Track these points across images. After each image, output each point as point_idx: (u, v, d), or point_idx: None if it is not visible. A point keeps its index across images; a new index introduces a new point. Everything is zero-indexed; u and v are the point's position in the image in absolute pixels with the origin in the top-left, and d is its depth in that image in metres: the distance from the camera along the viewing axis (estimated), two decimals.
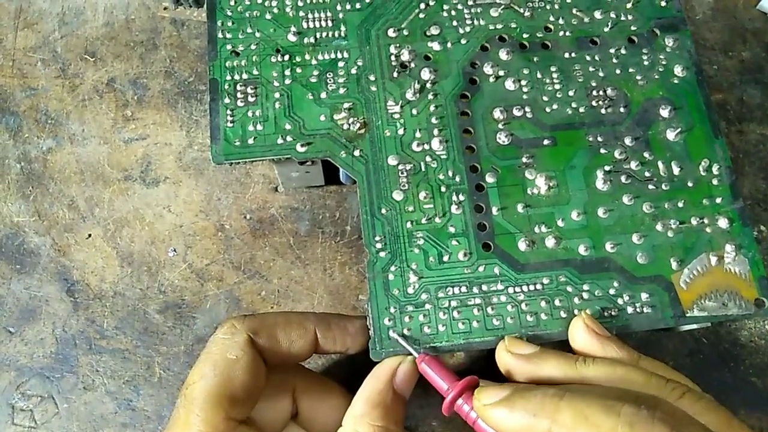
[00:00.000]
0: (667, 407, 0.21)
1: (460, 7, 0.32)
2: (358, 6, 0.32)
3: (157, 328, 0.33)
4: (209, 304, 0.33)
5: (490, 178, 0.29)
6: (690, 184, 0.29)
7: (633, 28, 0.32)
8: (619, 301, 0.27)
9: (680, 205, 0.29)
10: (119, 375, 0.32)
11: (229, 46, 0.31)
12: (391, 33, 0.31)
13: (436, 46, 0.31)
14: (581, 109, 0.30)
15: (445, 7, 0.32)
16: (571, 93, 0.31)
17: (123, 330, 0.33)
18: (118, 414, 0.31)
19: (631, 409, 0.20)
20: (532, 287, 0.27)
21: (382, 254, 0.28)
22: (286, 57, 0.31)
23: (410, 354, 0.26)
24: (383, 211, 0.28)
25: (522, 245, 0.28)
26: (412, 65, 0.31)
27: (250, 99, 0.30)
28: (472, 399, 0.24)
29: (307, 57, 0.31)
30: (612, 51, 0.31)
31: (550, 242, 0.28)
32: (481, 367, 0.32)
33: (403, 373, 0.26)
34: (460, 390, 0.24)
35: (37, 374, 0.32)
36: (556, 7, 0.32)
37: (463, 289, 0.27)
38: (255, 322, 0.27)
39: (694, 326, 0.28)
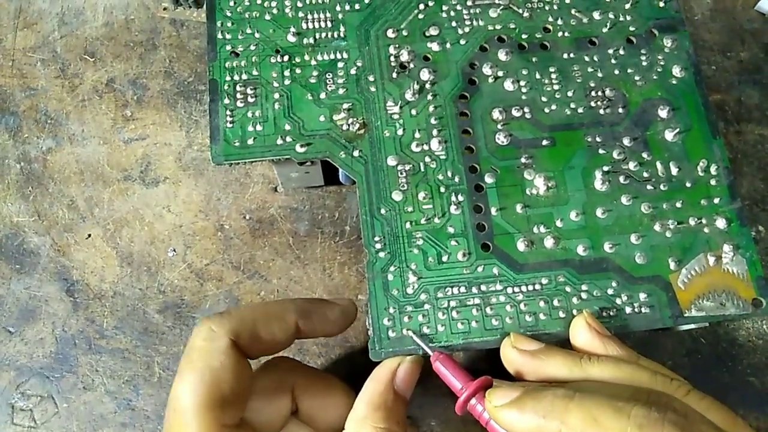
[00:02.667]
0: (678, 406, 0.21)
1: (459, 7, 0.32)
2: (357, 7, 0.32)
3: (157, 328, 0.33)
4: (209, 304, 0.33)
5: (489, 179, 0.29)
6: (688, 185, 0.29)
7: (631, 28, 0.32)
8: (618, 301, 0.27)
9: (678, 205, 0.29)
10: (119, 375, 0.32)
11: (228, 47, 0.31)
12: (390, 34, 0.31)
13: (435, 46, 0.31)
14: (580, 110, 0.30)
15: (444, 7, 0.32)
16: (569, 93, 0.31)
17: (122, 330, 0.33)
18: (117, 414, 0.32)
19: (642, 410, 0.20)
20: (530, 287, 0.27)
21: (381, 254, 0.28)
22: (286, 57, 0.31)
23: (423, 353, 0.26)
24: (382, 211, 0.28)
25: (521, 245, 0.28)
26: (412, 66, 0.31)
27: (250, 99, 0.30)
28: (486, 397, 0.24)
29: (306, 57, 0.31)
30: (611, 51, 0.31)
31: (548, 242, 0.28)
32: (480, 368, 0.32)
33: (403, 374, 0.26)
34: (474, 390, 0.24)
35: (36, 374, 0.32)
36: (555, 7, 0.32)
37: (462, 289, 0.27)
38: (234, 322, 0.26)
39: (692, 326, 0.28)
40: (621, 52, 0.31)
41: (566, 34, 0.32)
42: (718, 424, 0.21)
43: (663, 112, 0.30)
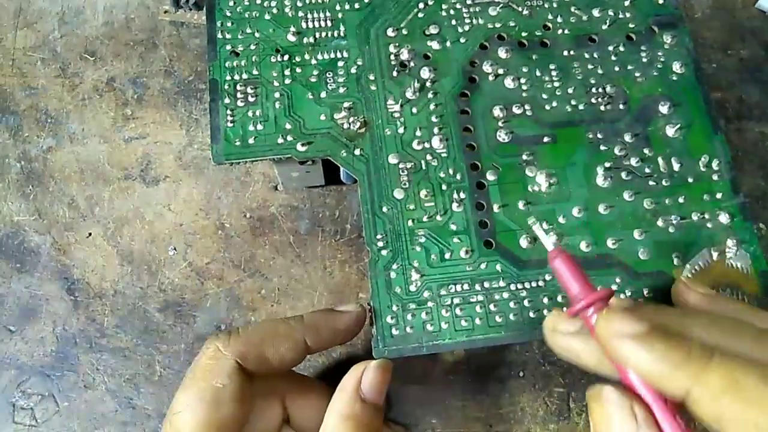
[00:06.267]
0: None
1: (458, 6, 0.32)
2: (357, 6, 0.32)
3: (158, 327, 0.33)
4: (209, 302, 0.33)
5: (490, 176, 0.29)
6: (690, 180, 0.29)
7: (631, 25, 0.32)
8: (622, 296, 0.27)
9: (681, 200, 0.29)
10: (120, 373, 0.32)
11: (228, 47, 0.31)
12: (390, 32, 0.31)
13: (435, 45, 0.31)
14: (581, 107, 0.30)
15: (444, 6, 0.32)
16: (570, 91, 0.31)
17: (123, 328, 0.33)
18: (118, 412, 0.31)
19: None
20: (534, 284, 0.27)
21: (383, 252, 0.28)
22: (286, 57, 0.31)
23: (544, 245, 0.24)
24: (384, 209, 0.28)
25: (523, 242, 0.28)
26: (412, 64, 0.31)
27: (251, 99, 0.30)
28: (600, 316, 0.22)
29: (306, 57, 0.31)
30: (611, 49, 0.32)
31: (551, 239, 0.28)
32: (480, 364, 0.32)
33: (368, 381, 0.25)
34: (592, 302, 0.22)
35: (37, 373, 0.32)
36: (555, 5, 0.32)
37: (465, 286, 0.27)
38: (241, 343, 0.25)
39: None
40: (621, 48, 0.32)
41: (566, 31, 0.32)
42: None
43: (664, 108, 0.30)
